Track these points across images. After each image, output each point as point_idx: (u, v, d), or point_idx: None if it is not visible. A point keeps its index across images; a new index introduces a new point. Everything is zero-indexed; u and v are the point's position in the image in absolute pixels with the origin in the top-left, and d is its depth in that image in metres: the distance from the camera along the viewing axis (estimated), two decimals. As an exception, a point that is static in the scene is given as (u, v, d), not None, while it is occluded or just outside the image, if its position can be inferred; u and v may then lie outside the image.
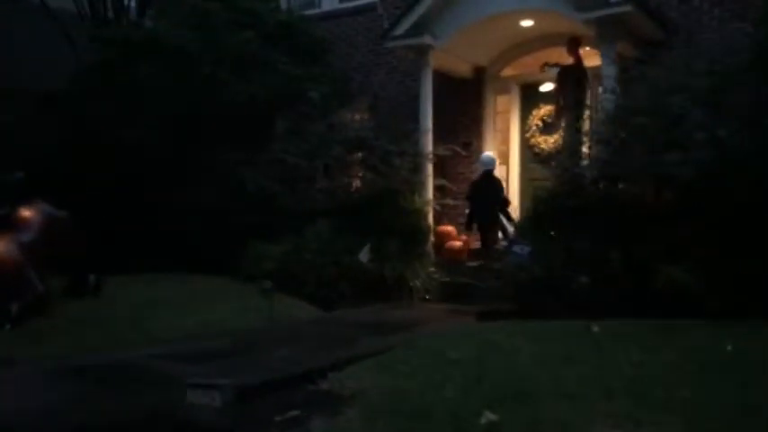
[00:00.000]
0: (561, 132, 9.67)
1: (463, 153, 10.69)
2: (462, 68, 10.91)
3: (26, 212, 7.36)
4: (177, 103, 9.64)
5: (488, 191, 9.65)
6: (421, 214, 9.38)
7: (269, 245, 9.14)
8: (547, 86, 9.99)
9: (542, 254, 6.98)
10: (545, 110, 10.74)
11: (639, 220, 6.75)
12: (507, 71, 11.04)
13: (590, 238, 6.89)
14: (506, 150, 11.10)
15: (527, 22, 9.93)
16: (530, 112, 10.91)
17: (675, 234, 6.40)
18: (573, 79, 9.32)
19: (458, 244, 9.69)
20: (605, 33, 8.65)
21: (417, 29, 9.89)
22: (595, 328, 5.76)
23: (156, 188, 9.66)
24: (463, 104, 10.97)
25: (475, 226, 9.89)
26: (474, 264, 9.37)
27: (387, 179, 9.21)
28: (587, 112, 9.30)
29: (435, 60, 10.14)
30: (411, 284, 8.69)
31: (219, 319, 7.00)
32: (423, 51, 10.05)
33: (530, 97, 10.92)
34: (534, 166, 10.72)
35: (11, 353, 5.57)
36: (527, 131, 10.92)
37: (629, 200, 6.79)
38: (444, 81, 10.65)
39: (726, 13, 9.11)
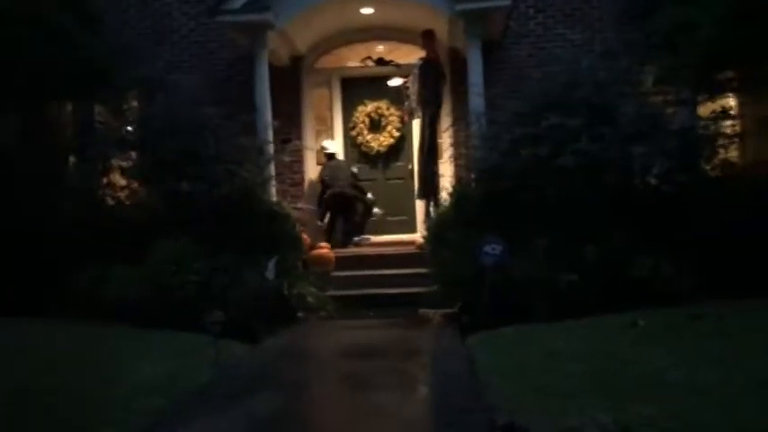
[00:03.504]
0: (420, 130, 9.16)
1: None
2: (281, 55, 9.66)
3: None
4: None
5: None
6: (290, 220, 8.03)
7: (109, 269, 6.95)
8: (395, 81, 9.41)
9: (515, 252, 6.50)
10: (372, 106, 10.17)
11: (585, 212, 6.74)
12: (327, 62, 10.15)
13: (549, 235, 6.66)
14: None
15: (367, 10, 9.21)
16: (354, 109, 10.20)
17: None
18: (431, 74, 8.93)
19: (325, 252, 8.51)
20: (474, 28, 8.42)
21: (257, 4, 8.47)
22: (641, 322, 5.57)
23: None
24: (279, 97, 9.69)
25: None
26: (344, 273, 8.40)
27: (250, 180, 7.69)
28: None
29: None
30: (309, 301, 7.37)
31: (166, 375, 4.91)
32: (260, 32, 8.61)
33: (353, 92, 10.21)
34: (362, 166, 10.08)
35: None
36: (352, 129, 10.19)
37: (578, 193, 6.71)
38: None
39: (549, 19, 9.69)
